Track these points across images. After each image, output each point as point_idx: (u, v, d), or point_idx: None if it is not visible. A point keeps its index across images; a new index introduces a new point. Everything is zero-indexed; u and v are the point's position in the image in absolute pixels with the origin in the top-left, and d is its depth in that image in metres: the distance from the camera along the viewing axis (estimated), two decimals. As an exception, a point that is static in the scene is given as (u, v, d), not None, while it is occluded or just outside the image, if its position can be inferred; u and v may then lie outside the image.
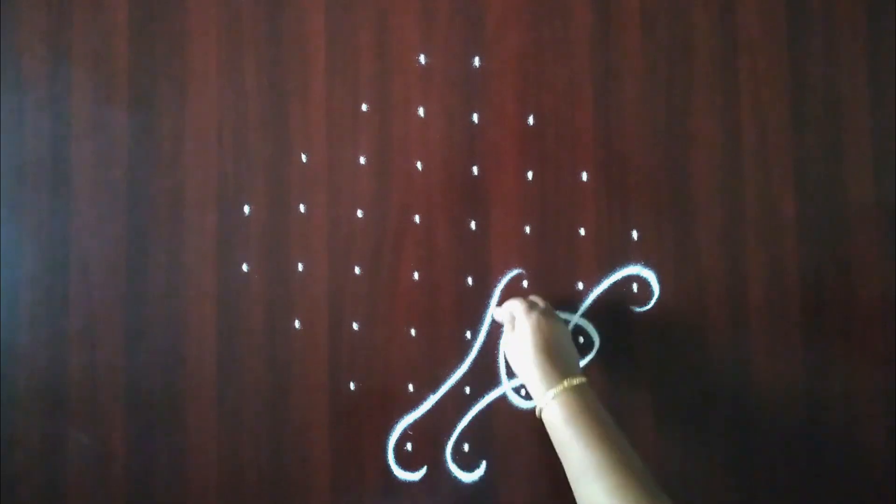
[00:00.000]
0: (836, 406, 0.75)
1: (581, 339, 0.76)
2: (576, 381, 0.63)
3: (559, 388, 0.62)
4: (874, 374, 0.75)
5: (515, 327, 0.69)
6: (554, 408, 0.62)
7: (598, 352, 0.76)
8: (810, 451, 0.75)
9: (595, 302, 0.76)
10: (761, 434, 0.75)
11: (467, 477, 0.76)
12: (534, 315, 0.68)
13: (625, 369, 0.76)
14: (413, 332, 0.77)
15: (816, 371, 0.75)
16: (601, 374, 0.76)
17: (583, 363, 0.76)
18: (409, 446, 0.77)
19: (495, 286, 0.77)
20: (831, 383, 0.75)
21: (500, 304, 0.76)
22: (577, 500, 0.59)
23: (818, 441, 0.75)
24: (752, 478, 0.75)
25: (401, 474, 0.76)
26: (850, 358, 0.75)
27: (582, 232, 0.77)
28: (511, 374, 0.76)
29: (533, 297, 0.73)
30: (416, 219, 0.78)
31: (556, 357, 0.65)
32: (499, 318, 0.75)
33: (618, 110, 0.77)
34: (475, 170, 0.77)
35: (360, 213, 0.78)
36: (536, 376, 0.64)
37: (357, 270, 0.78)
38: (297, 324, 0.78)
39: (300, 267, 0.78)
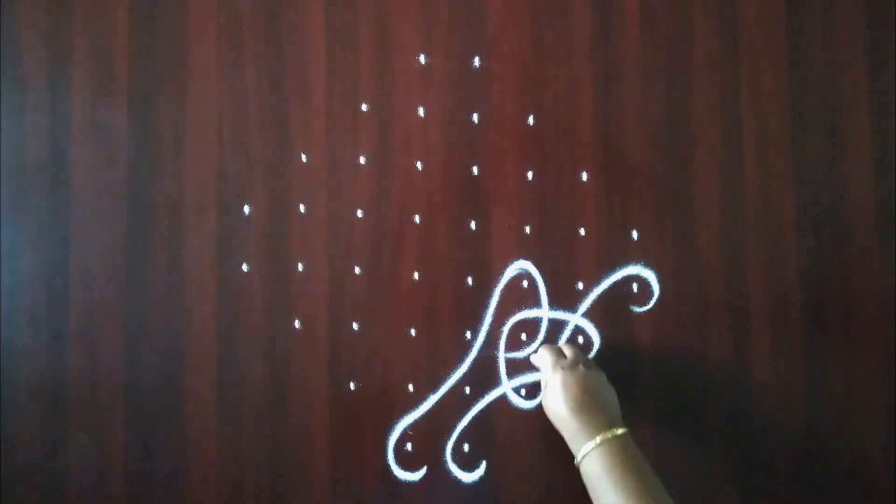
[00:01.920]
0: (836, 406, 0.75)
1: (581, 339, 0.76)
2: (616, 431, 0.62)
3: (597, 439, 0.61)
4: (874, 374, 0.75)
5: (544, 387, 0.69)
6: (592, 460, 0.61)
7: (598, 352, 0.76)
8: (810, 450, 0.75)
9: (595, 302, 0.76)
10: (761, 434, 0.75)
11: (467, 477, 0.76)
12: (559, 373, 0.67)
13: (625, 369, 0.76)
14: (413, 332, 0.77)
15: (816, 371, 0.75)
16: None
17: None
18: (409, 446, 0.77)
19: (495, 286, 0.77)
20: (831, 383, 0.75)
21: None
22: None
23: (818, 441, 0.75)
24: (751, 477, 0.75)
25: (401, 474, 0.76)
26: (850, 358, 0.75)
27: (582, 232, 0.77)
28: (513, 375, 0.76)
29: (564, 346, 0.73)
30: (416, 219, 0.78)
31: (591, 410, 0.64)
32: (539, 364, 0.73)
33: (618, 110, 0.77)
34: (475, 170, 0.78)
35: (360, 213, 0.78)
36: (572, 432, 0.64)
37: (357, 270, 0.78)
38: (297, 324, 0.78)
39: (300, 267, 0.78)
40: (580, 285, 0.77)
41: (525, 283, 0.77)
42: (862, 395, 0.75)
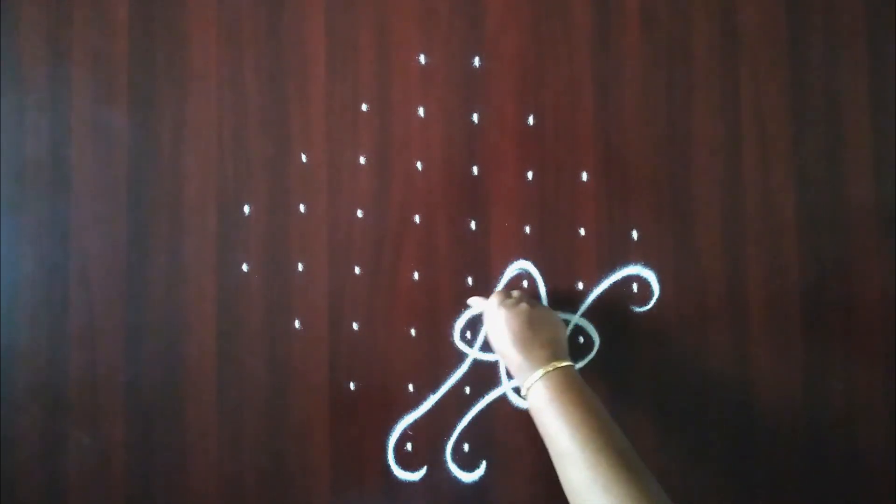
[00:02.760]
0: (836, 406, 0.75)
1: (581, 339, 0.76)
2: (559, 364, 0.62)
3: (540, 371, 0.62)
4: (874, 374, 0.75)
5: (486, 327, 0.69)
6: (537, 390, 0.61)
7: (598, 352, 0.76)
8: (810, 450, 0.75)
9: (595, 302, 0.76)
10: (761, 433, 0.75)
11: (467, 477, 0.76)
12: (502, 310, 0.67)
13: (625, 369, 0.76)
14: (413, 332, 0.77)
15: (816, 371, 0.75)
16: (601, 374, 0.76)
17: (583, 363, 0.76)
18: (409, 446, 0.77)
19: (495, 286, 0.77)
20: (831, 383, 0.75)
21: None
22: (562, 483, 0.57)
23: (818, 441, 0.75)
24: (751, 477, 0.75)
25: (401, 474, 0.76)
26: (850, 358, 0.75)
27: (582, 232, 0.77)
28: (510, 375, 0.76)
29: (510, 291, 0.73)
30: (416, 219, 0.78)
31: (533, 344, 0.64)
32: (475, 308, 0.75)
33: (618, 110, 0.77)
34: (475, 170, 0.78)
35: (360, 213, 0.78)
36: (516, 367, 0.65)
37: (357, 270, 0.78)
38: (297, 324, 0.78)
39: (300, 267, 0.78)
40: (580, 285, 0.77)
41: (525, 283, 0.77)
42: (862, 394, 0.75)
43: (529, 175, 0.77)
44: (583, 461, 0.55)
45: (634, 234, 0.76)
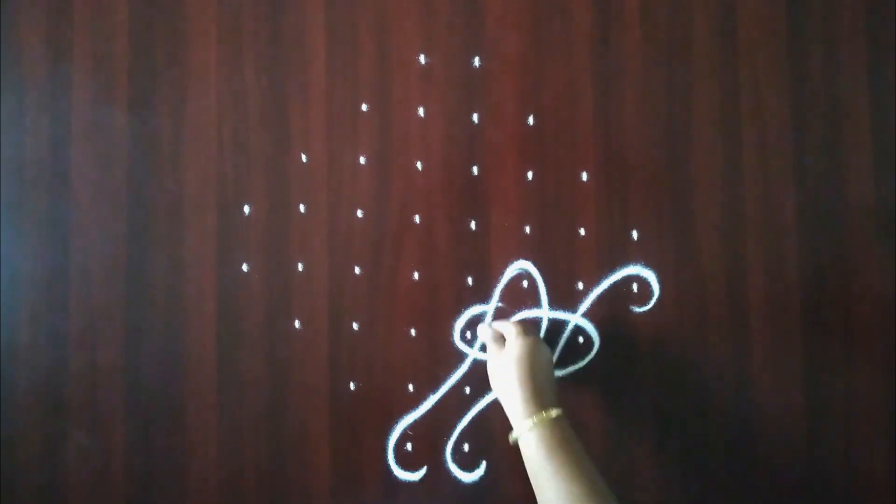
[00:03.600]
0: (836, 406, 0.75)
1: (581, 339, 0.76)
2: (554, 412, 0.63)
3: (538, 417, 0.63)
4: (874, 374, 0.75)
5: (507, 348, 0.69)
6: (531, 438, 0.62)
7: (597, 352, 0.76)
8: (809, 450, 0.75)
9: (595, 302, 0.76)
10: (761, 433, 0.75)
11: (467, 477, 0.76)
12: (529, 339, 0.68)
13: (625, 369, 0.76)
14: (413, 332, 0.77)
15: (816, 371, 0.75)
16: (601, 374, 0.76)
17: (582, 363, 0.76)
18: (409, 446, 0.77)
19: (495, 286, 0.77)
20: (831, 383, 0.75)
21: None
22: None
23: (817, 440, 0.75)
24: (751, 477, 0.75)
25: (401, 474, 0.76)
26: (850, 358, 0.75)
27: (582, 232, 0.77)
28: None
29: (525, 321, 0.74)
30: (416, 219, 0.78)
31: (539, 386, 0.65)
32: (483, 336, 0.74)
33: (618, 110, 0.77)
34: (475, 170, 0.78)
35: (360, 213, 0.78)
36: (519, 400, 0.64)
37: (357, 270, 0.78)
38: (297, 324, 0.78)
39: (300, 267, 0.78)
40: (580, 285, 0.77)
41: (525, 283, 0.77)
42: (862, 395, 0.75)
43: (529, 175, 0.77)
44: None
45: (634, 234, 0.76)
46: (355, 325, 0.77)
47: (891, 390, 0.74)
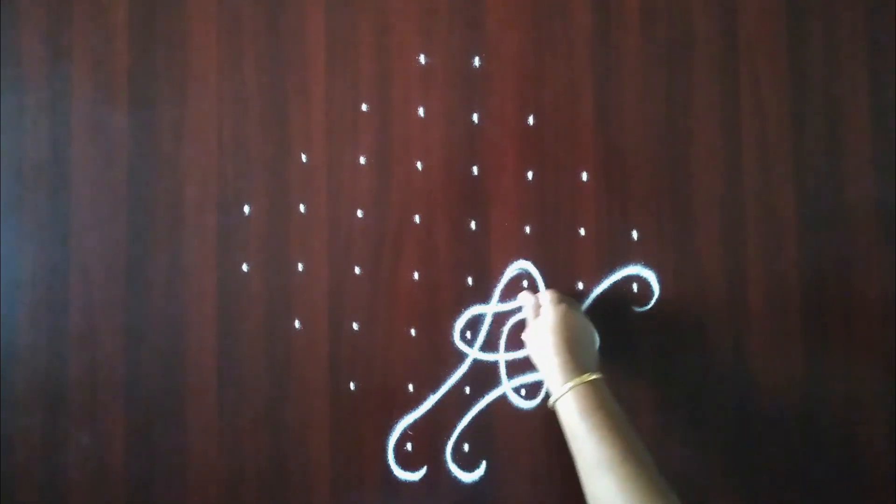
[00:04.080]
0: (836, 406, 0.75)
1: (581, 339, 0.76)
2: (593, 376, 0.63)
3: (576, 381, 0.63)
4: (874, 374, 0.75)
5: (541, 315, 0.70)
6: (569, 400, 0.62)
7: (597, 352, 0.76)
8: (810, 450, 0.75)
9: (595, 302, 0.76)
10: (761, 433, 0.75)
11: (467, 477, 0.76)
12: (562, 306, 0.69)
13: (625, 369, 0.76)
14: (413, 332, 0.77)
15: (816, 371, 0.75)
16: (601, 374, 0.76)
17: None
18: (409, 446, 0.77)
19: (495, 286, 0.77)
20: (831, 383, 0.75)
21: (503, 297, 0.76)
22: (586, 491, 0.59)
23: (818, 440, 0.75)
24: (752, 476, 0.75)
25: (401, 474, 0.76)
26: (850, 358, 0.75)
27: (582, 232, 0.77)
28: (513, 375, 0.76)
29: (559, 293, 0.74)
30: (416, 219, 0.78)
31: (577, 350, 0.66)
32: (523, 303, 0.75)
33: (618, 110, 0.77)
34: (475, 170, 0.78)
35: (360, 213, 0.78)
36: (555, 366, 0.65)
37: (357, 270, 0.78)
38: (297, 324, 0.78)
39: (300, 267, 0.78)
40: (580, 285, 0.77)
41: (525, 283, 0.77)
42: (862, 394, 0.75)
43: (529, 175, 0.77)
44: (610, 474, 0.57)
45: (634, 234, 0.76)
46: (355, 325, 0.77)
47: (891, 390, 0.74)
